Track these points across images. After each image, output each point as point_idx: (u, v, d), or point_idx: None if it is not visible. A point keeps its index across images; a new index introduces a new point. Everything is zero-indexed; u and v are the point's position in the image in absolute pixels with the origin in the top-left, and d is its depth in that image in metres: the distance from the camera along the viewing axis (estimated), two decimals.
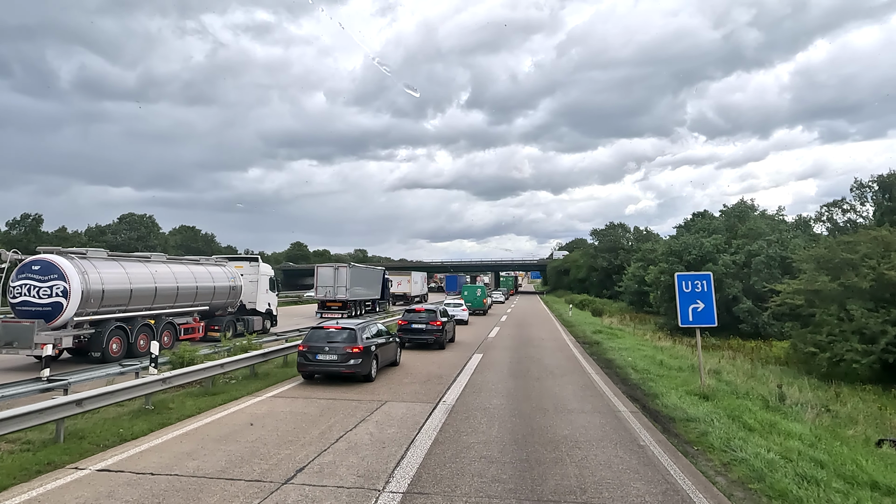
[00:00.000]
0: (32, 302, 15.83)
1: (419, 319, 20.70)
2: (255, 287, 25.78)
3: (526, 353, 19.83)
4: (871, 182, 49.77)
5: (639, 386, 13.66)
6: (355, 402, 11.41)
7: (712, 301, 13.06)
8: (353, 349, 12.94)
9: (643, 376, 14.85)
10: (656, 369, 16.14)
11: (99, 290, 16.75)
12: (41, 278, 15.89)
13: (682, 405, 11.15)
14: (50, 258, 16.26)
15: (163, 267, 20.09)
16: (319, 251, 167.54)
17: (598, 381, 14.26)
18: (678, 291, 13.26)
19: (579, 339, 25.95)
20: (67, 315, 15.93)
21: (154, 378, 10.04)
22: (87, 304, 16.38)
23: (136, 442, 8.44)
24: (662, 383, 13.69)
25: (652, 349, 22.28)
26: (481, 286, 48.29)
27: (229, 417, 9.99)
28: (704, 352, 24.33)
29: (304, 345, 13.33)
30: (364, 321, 15.32)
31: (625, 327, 34.86)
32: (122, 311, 17.80)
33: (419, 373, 15.27)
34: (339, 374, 13.08)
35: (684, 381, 13.97)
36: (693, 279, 13.24)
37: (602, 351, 20.75)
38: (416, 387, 13.17)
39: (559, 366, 16.96)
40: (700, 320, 13.04)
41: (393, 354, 15.88)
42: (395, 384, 13.46)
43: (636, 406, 11.47)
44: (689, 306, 13.09)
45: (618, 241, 78.90)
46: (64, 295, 15.84)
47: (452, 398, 11.87)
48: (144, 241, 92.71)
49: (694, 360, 19.26)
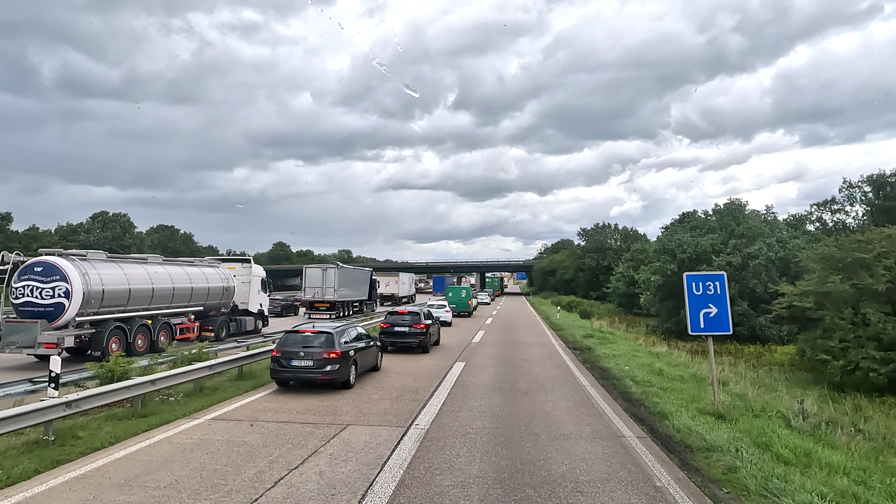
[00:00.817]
0: (35, 302, 16.15)
1: (402, 322, 19.83)
2: (248, 288, 25.99)
3: (513, 361, 18.09)
4: (860, 182, 48.99)
5: (642, 402, 11.96)
6: (311, 425, 9.57)
7: (727, 305, 11.40)
8: (329, 354, 12.09)
9: (645, 389, 13.15)
10: (658, 380, 14.47)
11: (99, 290, 17.06)
12: (44, 279, 16.21)
13: (698, 428, 9.45)
14: (52, 260, 16.55)
15: (159, 268, 20.34)
16: (303, 251, 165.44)
17: (594, 396, 12.54)
18: (687, 294, 11.58)
19: (569, 344, 24.28)
20: (69, 315, 16.23)
21: (54, 402, 8.09)
22: (87, 304, 16.69)
23: (10, 490, 6.52)
24: (668, 399, 12.01)
25: (648, 356, 20.68)
26: (466, 287, 46.62)
27: (148, 451, 8.08)
28: (700, 357, 22.83)
29: (277, 349, 12.44)
30: (343, 324, 14.34)
31: (615, 331, 33.32)
32: (121, 312, 18.06)
33: (393, 385, 13.45)
34: (314, 381, 12.21)
35: (693, 397, 12.31)
36: (704, 280, 11.57)
37: (595, 358, 19.08)
38: (387, 404, 11.36)
39: (550, 376, 15.23)
40: (713, 327, 11.38)
41: (374, 359, 15.01)
42: (363, 400, 11.63)
43: (643, 429, 9.75)
44: (700, 311, 11.42)
45: (605, 240, 77.67)
46: (66, 295, 16.17)
47: (427, 419, 10.07)
48: (118, 241, 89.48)
49: (696, 369, 17.66)
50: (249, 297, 26.06)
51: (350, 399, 11.78)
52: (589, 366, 17.59)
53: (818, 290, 18.01)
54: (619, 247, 72.91)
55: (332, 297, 36.29)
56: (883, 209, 37.27)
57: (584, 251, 78.55)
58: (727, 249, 31.10)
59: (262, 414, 10.39)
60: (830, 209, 52.51)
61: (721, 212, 34.68)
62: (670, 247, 32.98)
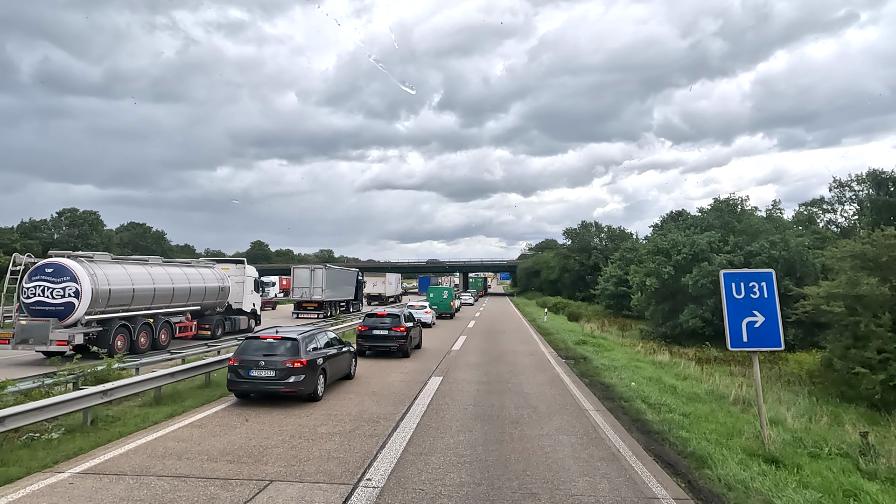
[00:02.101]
0: (46, 302, 16.86)
1: (381, 325, 18.61)
2: (242, 288, 26.58)
3: (498, 375, 15.43)
4: (850, 181, 47.27)
5: (665, 436, 9.35)
6: (219, 482, 6.80)
7: (777, 311, 8.84)
8: (294, 363, 10.89)
9: (664, 417, 10.56)
10: (674, 402, 11.91)
11: (106, 290, 17.78)
12: (54, 280, 16.91)
13: (755, 483, 6.89)
14: (62, 261, 17.26)
15: (160, 269, 21.03)
16: (282, 251, 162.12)
17: (603, 427, 9.90)
18: (725, 298, 8.99)
19: (561, 351, 21.70)
20: (79, 314, 16.97)
21: None
22: (96, 303, 17.38)
23: None
24: (698, 431, 9.41)
25: (652, 367, 18.20)
26: (448, 287, 43.99)
27: None
28: (711, 367, 20.41)
29: (235, 358, 11.16)
30: (311, 329, 13.09)
31: (607, 335, 30.85)
32: (126, 311, 18.76)
33: (350, 412, 10.72)
34: (276, 393, 10.96)
35: (728, 428, 9.72)
36: (747, 280, 9.00)
37: (594, 371, 16.49)
38: (336, 441, 8.62)
39: (544, 397, 12.58)
40: (759, 340, 8.82)
41: (346, 366, 13.87)
42: (306, 435, 8.86)
43: (678, 483, 7.14)
44: (743, 320, 8.85)
45: (591, 240, 75.50)
46: (76, 295, 16.92)
47: (384, 470, 7.35)
48: (85, 239, 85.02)
49: (711, 384, 15.18)
50: (243, 296, 26.76)
51: (289, 433, 9.02)
52: (588, 380, 15.00)
53: (849, 292, 15.67)
54: (605, 246, 70.77)
55: (320, 296, 36.89)
56: (887, 205, 35.28)
57: (569, 251, 76.25)
58: (726, 247, 28.86)
59: (160, 462, 7.57)
60: (821, 208, 50.94)
61: (719, 208, 32.38)
62: (664, 247, 30.59)
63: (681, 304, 30.21)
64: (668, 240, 30.68)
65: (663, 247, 30.56)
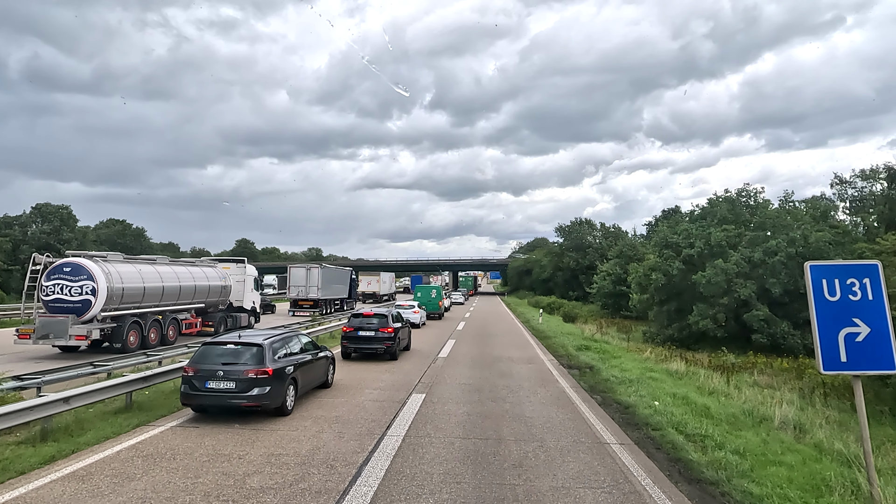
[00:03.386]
0: (64, 299, 17.60)
1: (368, 325, 17.59)
2: (242, 286, 27.34)
3: (493, 392, 12.87)
4: (853, 177, 45.21)
5: (727, 493, 6.79)
6: None
7: (888, 319, 6.31)
8: (258, 373, 9.61)
9: (714, 458, 8.01)
10: (717, 431, 9.39)
11: (120, 288, 18.50)
12: (72, 278, 17.64)
13: None
14: (79, 261, 18.00)
15: (167, 268, 21.80)
16: (268, 249, 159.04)
17: (637, 476, 7.34)
18: (814, 301, 6.47)
19: (562, 359, 19.17)
20: (95, 310, 17.70)
21: None
22: (110, 300, 18.10)
23: None
24: (770, 482, 6.88)
25: (669, 378, 15.70)
26: (437, 286, 41.36)
27: None
28: (738, 378, 17.94)
29: (190, 367, 9.83)
30: (282, 333, 11.64)
31: (608, 338, 28.38)
32: (137, 308, 19.47)
33: (299, 451, 8.10)
34: (237, 407, 9.61)
35: (809, 478, 7.18)
36: (843, 275, 6.48)
37: (605, 385, 13.96)
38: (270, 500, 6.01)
39: (552, 424, 10.02)
40: (865, 361, 6.30)
41: (322, 373, 12.52)
42: (220, 501, 6.24)
43: None
44: (840, 331, 6.33)
45: (584, 238, 73.18)
46: (93, 293, 17.65)
47: None
48: (57, 235, 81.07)
49: (745, 402, 12.72)
50: (244, 294, 27.51)
51: (205, 489, 6.39)
52: (600, 397, 12.46)
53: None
54: (599, 244, 68.48)
55: (316, 295, 37.86)
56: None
57: (562, 249, 73.85)
58: (741, 243, 26.48)
59: None
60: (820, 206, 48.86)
61: (733, 200, 29.92)
62: (673, 240, 28.11)
63: (688, 304, 27.83)
64: (680, 231, 28.13)
65: (672, 241, 28.06)
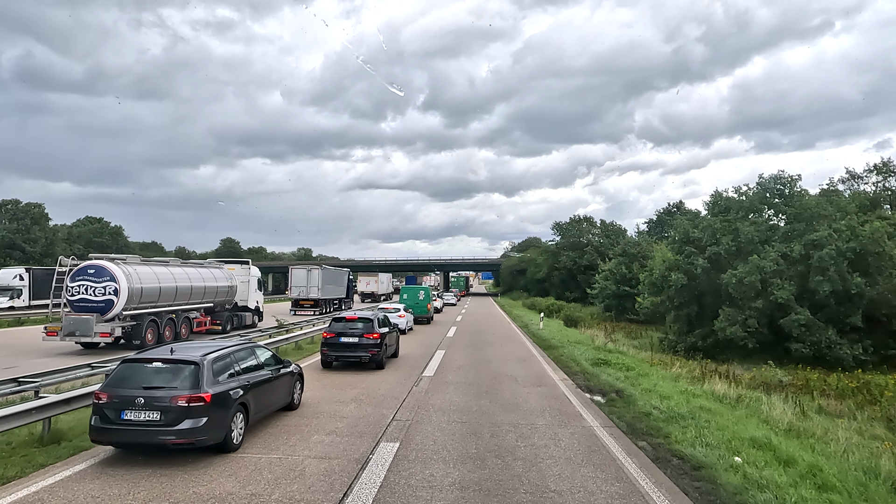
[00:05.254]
0: (89, 299, 18.84)
1: (351, 331, 16.03)
2: (247, 287, 28.42)
3: (495, 437, 9.14)
4: (866, 172, 42.07)
5: None
6: None
7: None
8: (191, 400, 7.14)
9: None
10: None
11: (139, 288, 19.65)
12: (96, 280, 18.91)
13: None
14: (102, 263, 19.30)
15: (179, 269, 22.67)
16: (254, 248, 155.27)
17: None
18: None
19: (577, 378, 15.46)
20: (117, 309, 18.88)
21: None
22: (131, 300, 19.26)
23: None
24: None
25: (721, 407, 12.10)
26: (425, 288, 37.55)
27: None
28: (783, 394, 14.37)
29: (104, 392, 7.33)
30: (231, 346, 9.02)
31: (621, 346, 24.74)
32: (153, 307, 20.63)
33: None
34: (164, 445, 7.19)
35: None
36: None
37: (648, 423, 10.28)
38: None
39: (589, 498, 6.28)
40: None
41: (285, 393, 10.24)
42: None
43: None
44: None
45: (582, 236, 69.64)
46: (115, 293, 18.85)
47: None
48: (24, 234, 76.32)
49: (856, 455, 9.01)
50: (248, 294, 28.60)
51: None
52: (650, 449, 8.75)
53: None
54: (599, 242, 64.97)
55: (316, 294, 38.96)
56: None
57: (559, 248, 70.25)
58: (776, 237, 22.99)
59: None
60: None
61: (768, 186, 26.23)
62: (694, 235, 24.51)
63: (711, 308, 24.29)
64: (702, 226, 24.50)
65: (694, 236, 24.47)
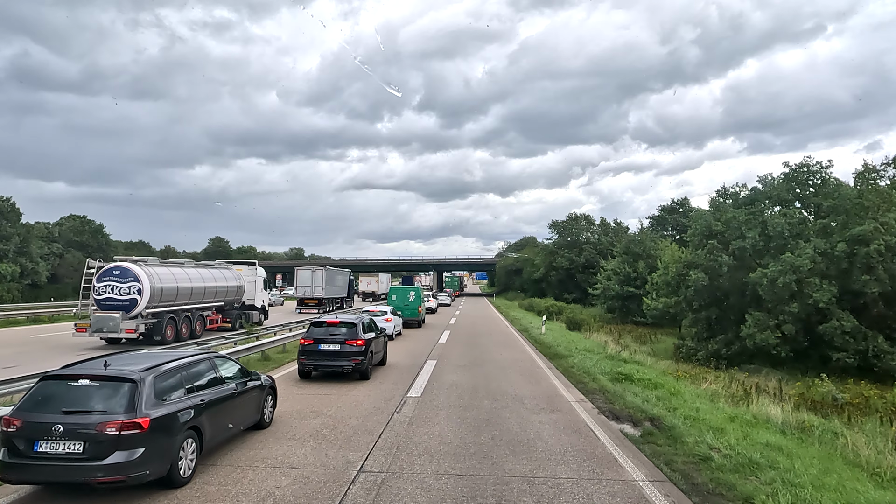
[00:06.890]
0: (115, 298, 20.02)
1: (332, 337, 14.53)
2: (254, 286, 29.53)
3: None
4: (883, 166, 39.79)
5: None
6: None
7: None
8: (122, 427, 5.66)
9: None
10: None
11: (160, 288, 20.76)
12: (121, 280, 20.14)
13: None
14: (126, 265, 20.51)
15: (193, 270, 24.20)
16: (244, 248, 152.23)
17: None
18: None
19: (596, 398, 12.88)
20: (141, 307, 20.04)
21: None
22: (153, 299, 20.34)
23: None
24: None
25: (791, 443, 9.63)
26: (416, 288, 34.69)
27: None
28: (841, 417, 11.82)
29: (15, 417, 5.79)
30: (183, 357, 7.24)
31: (636, 355, 22.12)
32: (172, 305, 21.72)
33: None
34: (88, 483, 5.65)
35: None
36: None
37: (713, 478, 7.74)
38: None
39: None
40: None
41: (253, 411, 8.39)
42: None
43: None
44: None
45: (580, 234, 67.16)
46: (139, 293, 20.02)
47: None
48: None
49: None
50: (255, 294, 29.77)
51: None
52: None
53: None
54: (598, 241, 62.50)
55: (320, 294, 41.04)
56: None
57: (557, 247, 67.74)
58: (809, 231, 20.59)
59: None
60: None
61: (796, 177, 23.67)
62: (719, 229, 22.00)
63: (735, 311, 21.80)
64: (729, 217, 21.70)
65: (717, 229, 21.95)
